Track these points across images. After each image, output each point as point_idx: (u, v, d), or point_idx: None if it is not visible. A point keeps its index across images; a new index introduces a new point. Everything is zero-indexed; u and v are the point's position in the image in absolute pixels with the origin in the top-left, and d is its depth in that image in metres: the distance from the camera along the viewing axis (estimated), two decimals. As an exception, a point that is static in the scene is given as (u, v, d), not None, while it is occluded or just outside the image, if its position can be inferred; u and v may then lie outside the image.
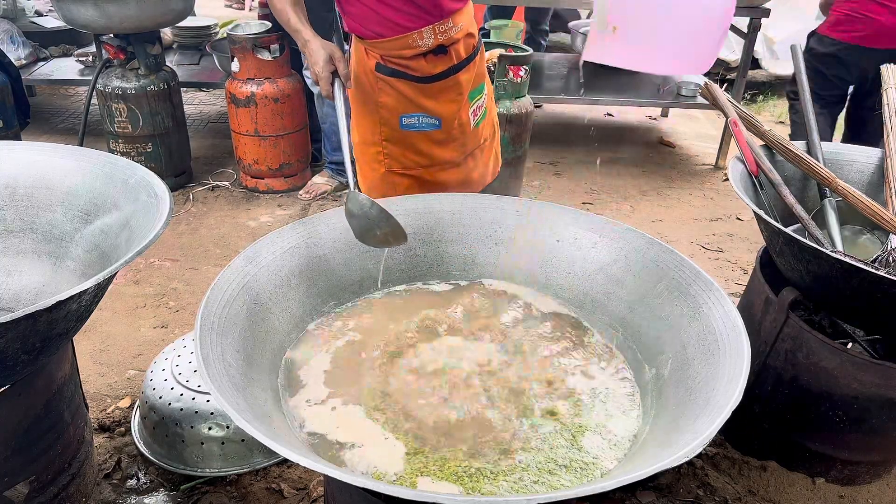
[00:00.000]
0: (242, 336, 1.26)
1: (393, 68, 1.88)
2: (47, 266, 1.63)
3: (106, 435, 2.08)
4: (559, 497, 0.89)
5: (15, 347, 1.20)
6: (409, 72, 1.89)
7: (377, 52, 1.88)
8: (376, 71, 1.90)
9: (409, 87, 1.91)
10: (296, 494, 1.90)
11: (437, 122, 1.97)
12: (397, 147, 1.99)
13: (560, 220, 1.65)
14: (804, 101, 2.17)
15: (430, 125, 1.96)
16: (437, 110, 1.96)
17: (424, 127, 1.96)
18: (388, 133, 1.97)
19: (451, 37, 1.88)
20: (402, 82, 1.90)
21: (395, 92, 1.91)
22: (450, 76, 1.94)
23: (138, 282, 2.93)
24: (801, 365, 1.88)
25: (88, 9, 3.16)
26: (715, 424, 1.01)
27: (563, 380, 1.38)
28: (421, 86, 1.92)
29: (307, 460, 0.93)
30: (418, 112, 1.95)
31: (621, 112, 5.31)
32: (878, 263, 1.83)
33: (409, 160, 2.01)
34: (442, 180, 2.07)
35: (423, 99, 1.94)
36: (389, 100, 1.92)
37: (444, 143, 2.03)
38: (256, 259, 1.41)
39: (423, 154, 2.02)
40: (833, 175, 1.95)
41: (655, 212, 3.83)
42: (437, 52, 1.88)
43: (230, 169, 4.02)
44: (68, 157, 1.63)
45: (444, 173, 2.08)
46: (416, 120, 1.94)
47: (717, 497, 1.97)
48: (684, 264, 1.43)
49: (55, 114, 4.82)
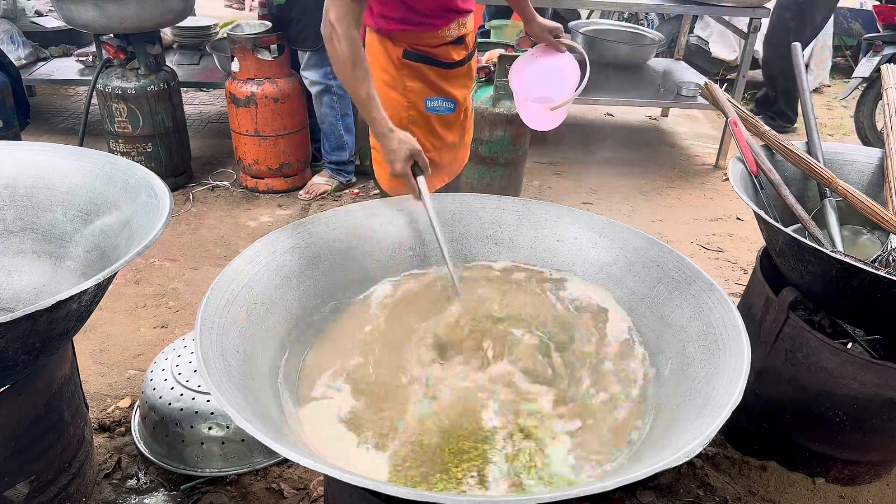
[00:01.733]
0: (242, 336, 1.26)
1: (421, 54, 2.04)
2: (47, 266, 1.63)
3: (106, 435, 2.08)
4: (559, 497, 0.89)
5: (15, 347, 1.20)
6: (436, 57, 2.07)
7: (405, 41, 2.01)
8: (404, 57, 2.03)
9: (433, 71, 2.08)
10: (296, 494, 1.90)
11: (452, 106, 2.17)
12: (420, 129, 2.12)
13: (560, 220, 1.65)
14: (804, 100, 2.17)
15: (447, 108, 2.16)
16: (454, 94, 2.16)
17: (443, 110, 2.15)
18: (414, 116, 2.11)
19: (467, 30, 2.13)
20: (428, 67, 2.06)
21: (420, 76, 2.07)
22: (466, 63, 2.18)
23: (138, 282, 2.93)
24: (801, 365, 1.88)
25: (88, 9, 3.16)
26: (715, 424, 1.01)
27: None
28: (444, 71, 2.10)
29: (307, 460, 0.93)
30: (439, 96, 2.13)
31: (621, 112, 5.31)
32: (878, 263, 1.83)
33: (428, 142, 2.15)
34: (443, 160, 2.25)
35: (444, 83, 2.11)
36: (416, 84, 2.07)
37: (451, 126, 2.22)
38: (256, 259, 1.41)
39: (438, 136, 2.19)
40: (833, 175, 1.95)
41: (655, 212, 3.83)
42: (457, 42, 2.10)
43: (230, 169, 4.02)
44: (68, 157, 1.63)
45: (446, 155, 2.26)
46: (437, 103, 2.13)
47: (717, 497, 1.97)
48: (684, 264, 1.43)
49: (55, 114, 4.82)
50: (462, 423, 1.27)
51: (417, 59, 2.04)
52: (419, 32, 2.00)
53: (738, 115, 2.08)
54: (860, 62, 5.02)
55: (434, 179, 2.26)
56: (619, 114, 5.31)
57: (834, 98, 6.10)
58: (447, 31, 2.04)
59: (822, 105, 6.00)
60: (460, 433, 1.25)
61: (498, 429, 1.26)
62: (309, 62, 3.48)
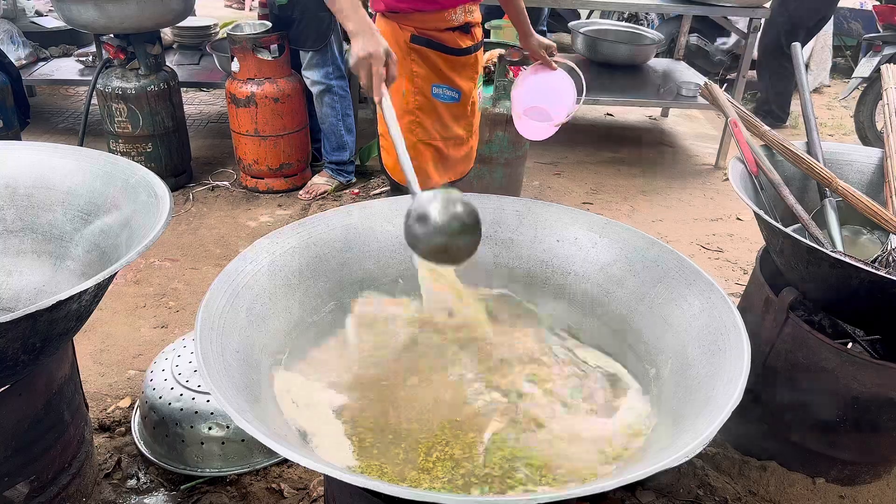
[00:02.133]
0: (242, 336, 1.26)
1: (428, 38, 2.09)
2: (47, 266, 1.63)
3: (106, 435, 2.08)
4: (559, 497, 0.89)
5: (15, 347, 1.20)
6: (443, 42, 2.12)
7: (412, 24, 2.07)
8: (411, 42, 2.08)
9: (439, 57, 2.13)
10: (296, 494, 1.90)
11: (456, 96, 2.21)
12: (427, 116, 2.17)
13: (560, 220, 1.65)
14: (804, 100, 2.17)
15: (451, 98, 2.21)
16: (459, 84, 2.20)
17: (447, 98, 2.20)
18: (421, 101, 2.15)
19: (473, 19, 2.18)
20: (434, 53, 2.12)
21: (426, 62, 2.11)
22: (472, 53, 2.22)
23: (138, 282, 2.93)
24: (801, 365, 1.88)
25: (88, 9, 3.17)
26: (715, 424, 1.01)
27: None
28: (450, 58, 2.15)
29: (307, 460, 0.93)
30: (444, 84, 2.18)
31: (621, 112, 5.31)
32: (878, 263, 1.83)
33: (434, 130, 2.20)
34: (452, 155, 2.30)
35: (450, 71, 2.17)
36: (422, 70, 2.12)
37: (458, 119, 2.26)
38: (256, 259, 1.41)
39: (445, 125, 2.23)
40: (833, 175, 1.95)
41: (655, 212, 3.83)
42: (463, 28, 2.15)
43: (230, 169, 4.02)
44: (68, 157, 1.63)
45: (454, 149, 2.30)
46: (441, 91, 2.17)
47: (717, 497, 1.97)
48: (684, 264, 1.43)
49: (55, 114, 4.82)
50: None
51: (424, 43, 2.09)
52: (427, 13, 2.05)
53: (738, 115, 2.08)
54: (860, 62, 5.03)
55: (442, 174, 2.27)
56: (619, 114, 5.31)
57: (834, 98, 6.10)
58: (453, 15, 2.09)
59: (822, 105, 6.00)
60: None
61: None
62: (310, 62, 3.48)
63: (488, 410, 1.33)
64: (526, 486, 1.17)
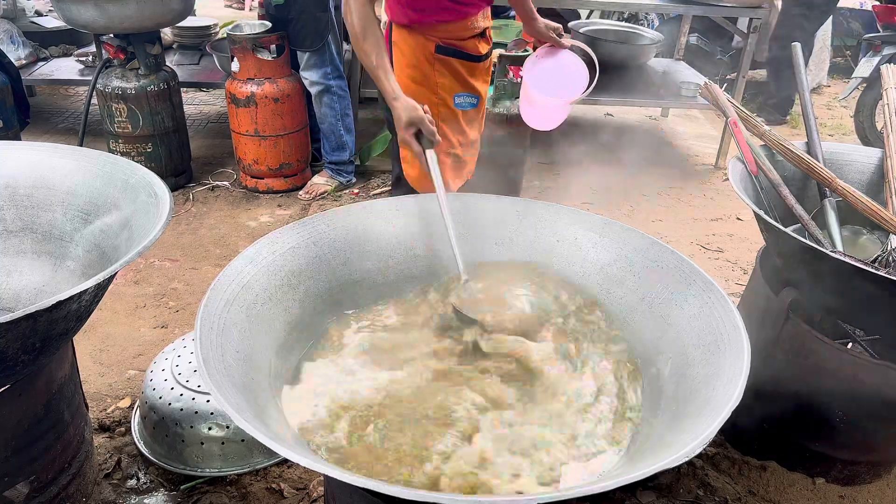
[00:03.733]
0: (242, 336, 1.26)
1: (453, 48, 2.11)
2: (47, 266, 1.63)
3: (106, 435, 2.08)
4: (559, 497, 0.89)
5: (15, 347, 1.20)
6: (466, 50, 2.14)
7: (438, 35, 2.08)
8: (436, 53, 2.09)
9: (462, 65, 2.15)
10: (296, 494, 1.90)
11: (475, 101, 2.24)
12: (448, 126, 2.18)
13: (560, 220, 1.65)
14: (804, 100, 2.17)
15: (471, 104, 2.23)
16: (478, 89, 2.23)
17: (468, 106, 2.22)
18: (444, 113, 2.16)
19: (488, 22, 2.22)
20: (458, 61, 2.14)
21: (450, 71, 2.14)
22: (489, 57, 2.26)
23: (138, 282, 2.93)
24: (801, 365, 1.88)
25: (88, 9, 3.16)
26: (715, 424, 1.01)
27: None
28: (471, 64, 2.18)
29: (307, 460, 0.93)
30: (466, 91, 2.20)
31: (621, 112, 5.31)
32: (878, 263, 1.83)
33: (455, 139, 2.21)
34: (467, 160, 2.32)
35: (470, 78, 2.19)
36: (445, 80, 2.14)
37: (472, 123, 2.29)
38: (256, 259, 1.40)
39: (464, 132, 2.24)
40: (833, 175, 1.95)
41: (655, 212, 3.83)
42: (482, 34, 2.19)
43: (230, 169, 4.02)
44: (68, 157, 1.63)
45: (468, 151, 2.31)
46: (463, 99, 2.20)
47: (717, 497, 1.97)
48: (684, 264, 1.43)
49: (55, 114, 4.82)
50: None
51: (450, 53, 2.11)
52: (452, 23, 2.07)
53: (738, 115, 2.08)
54: (860, 62, 5.02)
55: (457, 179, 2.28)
56: (619, 114, 5.31)
57: (834, 98, 6.10)
58: (475, 22, 2.12)
59: (822, 105, 6.00)
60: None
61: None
62: (308, 62, 3.48)
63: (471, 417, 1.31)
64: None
